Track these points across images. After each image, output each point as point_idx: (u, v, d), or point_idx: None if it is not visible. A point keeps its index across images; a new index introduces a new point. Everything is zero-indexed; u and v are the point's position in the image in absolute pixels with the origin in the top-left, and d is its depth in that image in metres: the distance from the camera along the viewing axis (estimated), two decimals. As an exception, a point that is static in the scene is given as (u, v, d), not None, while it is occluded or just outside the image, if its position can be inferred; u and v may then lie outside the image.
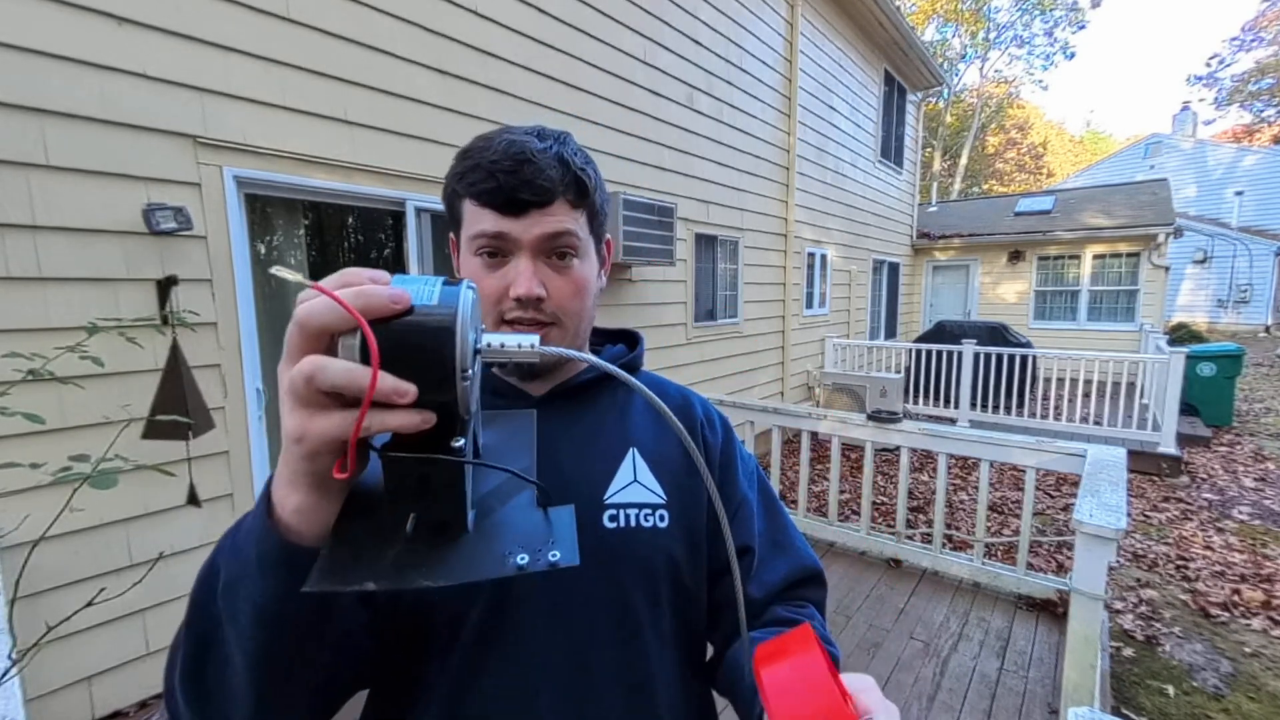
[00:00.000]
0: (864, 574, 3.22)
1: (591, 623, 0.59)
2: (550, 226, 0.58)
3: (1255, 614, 3.08)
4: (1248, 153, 16.90)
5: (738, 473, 0.75)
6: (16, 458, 1.59)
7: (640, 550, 0.62)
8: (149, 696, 2.11)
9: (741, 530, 0.71)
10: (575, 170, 0.60)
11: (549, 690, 0.57)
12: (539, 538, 0.43)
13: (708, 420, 0.76)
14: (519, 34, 3.28)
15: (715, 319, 5.19)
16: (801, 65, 6.18)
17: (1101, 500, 2.08)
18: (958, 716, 2.17)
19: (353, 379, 0.33)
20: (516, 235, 0.58)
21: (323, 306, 0.34)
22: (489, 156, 0.58)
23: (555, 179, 0.58)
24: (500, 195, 0.57)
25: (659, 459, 0.68)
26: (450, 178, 0.62)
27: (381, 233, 5.16)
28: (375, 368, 0.33)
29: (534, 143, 0.59)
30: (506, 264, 0.59)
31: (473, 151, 0.60)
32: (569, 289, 0.61)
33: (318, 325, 0.34)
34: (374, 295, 0.34)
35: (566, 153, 0.60)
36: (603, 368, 0.43)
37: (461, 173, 0.60)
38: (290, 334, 0.35)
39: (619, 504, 0.63)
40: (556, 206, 0.59)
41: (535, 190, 0.57)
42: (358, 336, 0.34)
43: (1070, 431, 5.79)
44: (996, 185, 29.46)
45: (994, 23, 24.37)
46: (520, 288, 0.57)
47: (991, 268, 11.06)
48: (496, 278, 0.59)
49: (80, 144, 1.90)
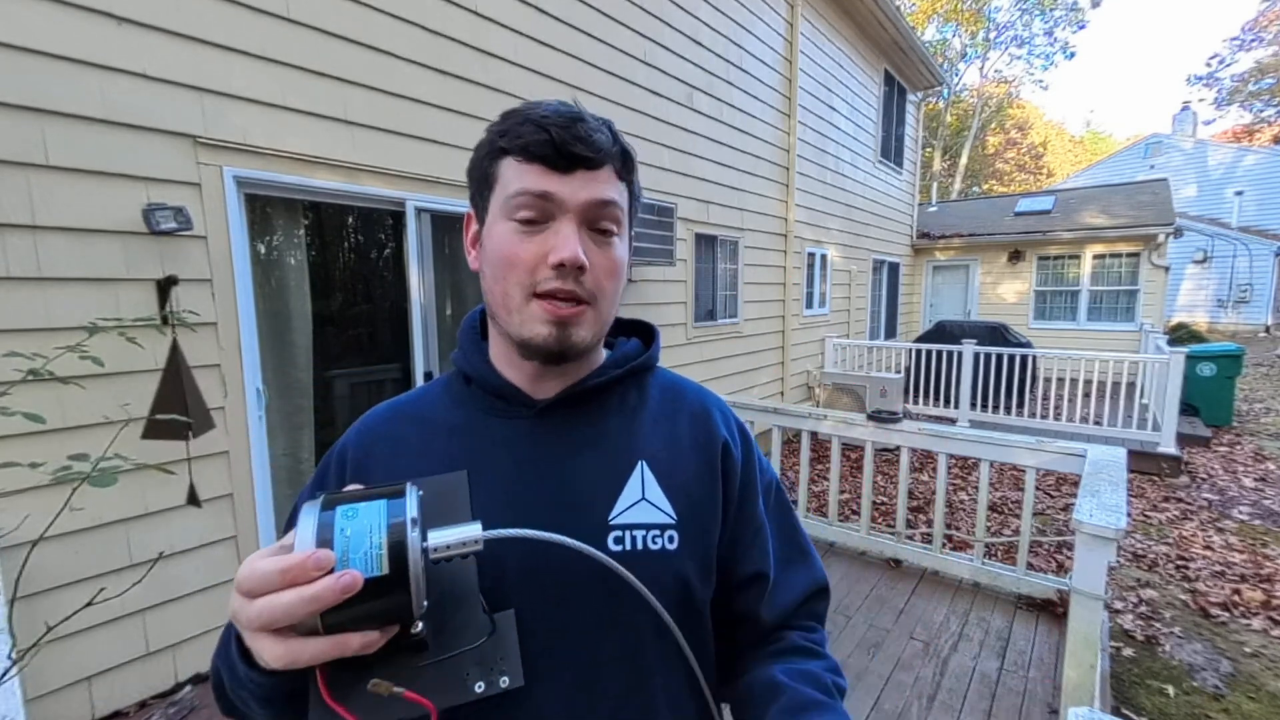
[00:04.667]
0: (864, 574, 3.22)
1: (596, 647, 0.57)
2: (598, 191, 0.56)
3: (1255, 614, 3.08)
4: (1248, 153, 16.89)
5: (757, 499, 0.69)
6: (16, 458, 1.60)
7: (647, 574, 0.57)
8: (149, 696, 2.11)
9: (757, 558, 0.67)
10: (622, 143, 0.59)
11: (554, 713, 0.56)
12: (490, 654, 0.49)
13: (730, 436, 0.69)
14: (519, 34, 3.28)
15: (715, 319, 5.19)
16: (801, 65, 6.18)
17: (1101, 500, 2.08)
18: (958, 716, 2.17)
19: (316, 641, 0.40)
20: (563, 197, 0.54)
21: (282, 610, 0.38)
22: (538, 112, 0.55)
23: (606, 142, 0.56)
24: (550, 147, 0.53)
25: (670, 471, 0.63)
26: (488, 139, 0.58)
27: (381, 232, 5.17)
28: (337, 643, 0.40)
29: (583, 113, 0.57)
30: (545, 230, 0.55)
31: (518, 110, 0.57)
32: (607, 266, 0.58)
33: (282, 616, 0.38)
34: (324, 597, 0.37)
35: (613, 127, 0.59)
36: None
37: (505, 129, 0.56)
38: (248, 609, 0.39)
39: (625, 525, 0.59)
40: (604, 172, 0.56)
41: (589, 145, 0.54)
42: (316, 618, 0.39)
43: (1070, 431, 5.79)
44: (996, 185, 29.45)
45: (994, 23, 24.37)
46: (565, 251, 0.53)
47: (991, 268, 11.06)
48: (534, 243, 0.55)
49: (80, 144, 1.90)
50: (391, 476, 0.59)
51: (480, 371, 0.64)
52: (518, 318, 0.56)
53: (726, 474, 0.66)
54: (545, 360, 0.59)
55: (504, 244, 0.55)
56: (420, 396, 0.68)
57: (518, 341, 0.58)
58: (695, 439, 0.66)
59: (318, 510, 0.41)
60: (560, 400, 0.62)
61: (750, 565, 0.67)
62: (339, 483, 0.61)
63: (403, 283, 2.97)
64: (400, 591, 0.40)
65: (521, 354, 0.60)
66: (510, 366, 0.63)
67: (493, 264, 0.57)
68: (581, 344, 0.58)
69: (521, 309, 0.56)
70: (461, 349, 0.67)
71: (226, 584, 2.30)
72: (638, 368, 0.67)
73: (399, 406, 0.67)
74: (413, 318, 2.92)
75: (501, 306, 0.58)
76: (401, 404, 0.68)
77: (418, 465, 0.60)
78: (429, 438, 0.62)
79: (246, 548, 2.34)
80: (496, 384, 0.63)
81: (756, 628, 0.68)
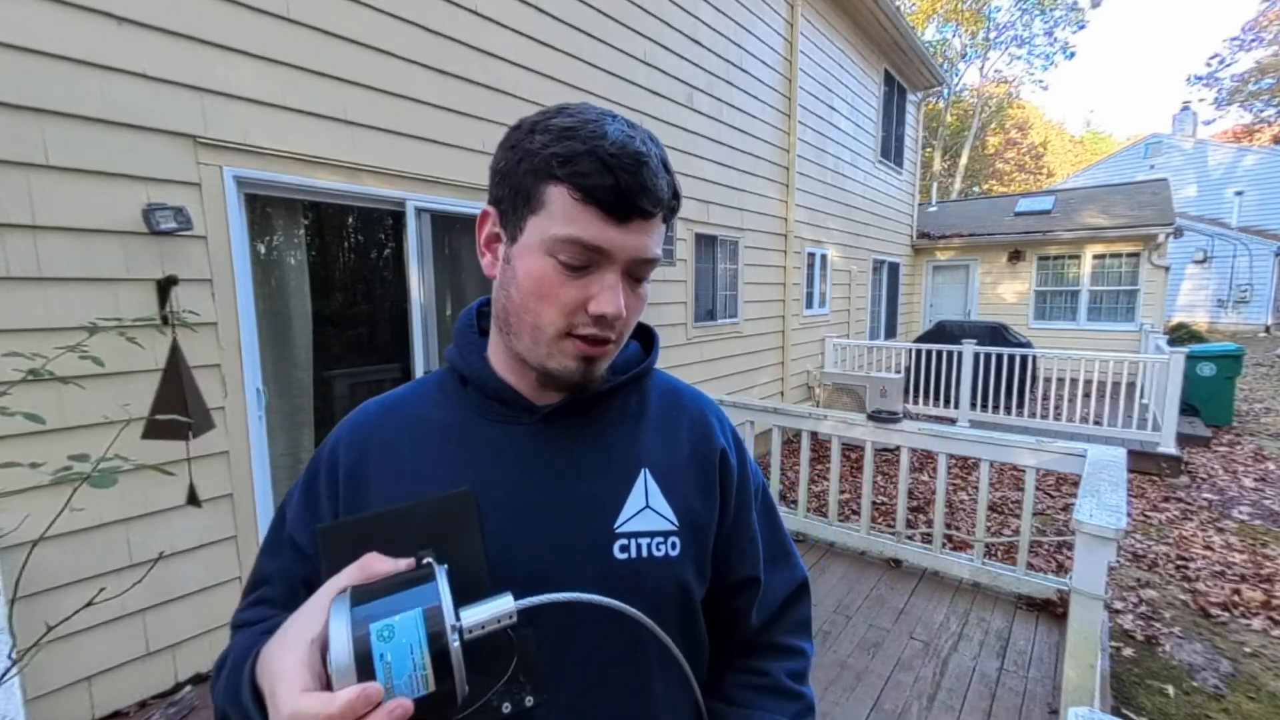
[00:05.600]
0: (864, 574, 3.22)
1: (599, 654, 0.57)
2: (648, 248, 0.54)
3: (1255, 614, 3.08)
4: (1248, 153, 16.89)
5: (751, 506, 0.71)
6: (16, 458, 1.60)
7: (651, 582, 0.59)
8: (149, 696, 2.11)
9: (749, 563, 0.69)
10: (674, 181, 0.56)
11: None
12: (515, 675, 0.51)
13: (727, 444, 0.69)
14: (519, 34, 3.28)
15: (715, 319, 5.19)
16: (801, 65, 6.18)
17: (1101, 500, 2.08)
18: (958, 716, 2.17)
19: None
20: (615, 250, 0.52)
21: None
22: (605, 147, 0.50)
23: (665, 190, 0.53)
24: (614, 194, 0.50)
25: (671, 478, 0.63)
26: (540, 153, 0.52)
27: (382, 233, 5.17)
28: None
29: (647, 145, 0.52)
30: (589, 275, 0.53)
31: (579, 132, 0.51)
32: (636, 308, 0.58)
33: None
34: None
35: (667, 159, 0.55)
36: None
37: (565, 156, 0.50)
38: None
39: (630, 533, 0.59)
40: (657, 221, 0.54)
41: (652, 199, 0.52)
42: None
43: (1070, 431, 5.79)
44: (996, 185, 29.45)
45: (994, 23, 24.37)
46: (609, 306, 0.52)
47: (991, 268, 11.06)
48: (576, 288, 0.53)
49: (80, 144, 1.90)
50: (390, 490, 0.58)
51: (479, 373, 0.62)
52: (545, 349, 0.56)
53: (724, 482, 0.67)
54: (565, 390, 0.59)
55: (543, 281, 0.53)
56: (413, 393, 0.66)
57: (539, 369, 0.58)
58: (695, 446, 0.67)
59: (347, 615, 0.40)
60: (563, 407, 0.61)
61: (745, 570, 0.69)
62: (330, 491, 0.60)
63: (403, 283, 2.97)
64: (446, 693, 0.40)
65: (540, 380, 0.60)
66: (511, 371, 0.62)
67: (524, 293, 0.55)
68: (601, 375, 0.59)
69: (552, 344, 0.55)
70: (458, 347, 0.66)
71: (226, 584, 2.30)
72: (640, 374, 0.66)
73: (391, 405, 0.65)
74: (413, 318, 2.92)
75: (528, 334, 0.56)
76: (394, 402, 0.66)
77: (417, 476, 0.59)
78: (425, 443, 0.61)
79: (246, 547, 2.34)
80: (495, 387, 0.61)
81: (745, 627, 0.70)
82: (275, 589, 0.60)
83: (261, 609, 0.59)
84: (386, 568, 0.46)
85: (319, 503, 0.60)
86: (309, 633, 0.42)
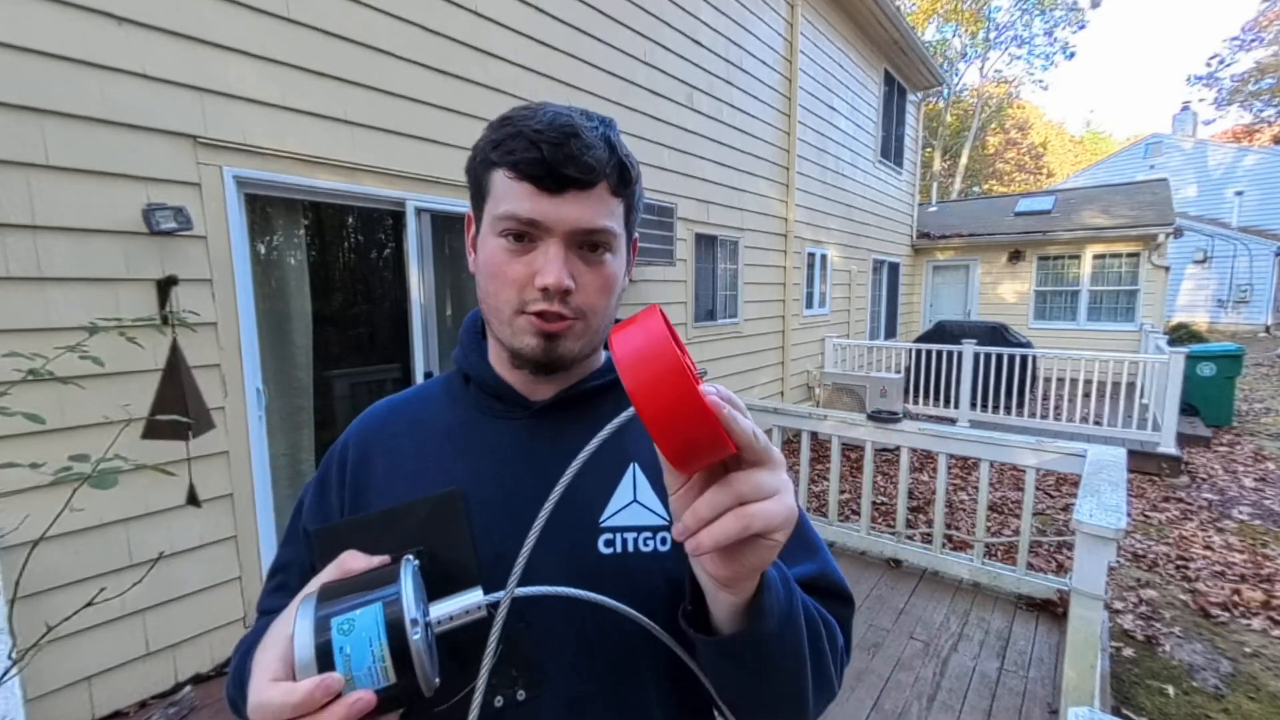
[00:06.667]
0: (864, 574, 3.22)
1: (587, 652, 0.57)
2: (587, 218, 0.55)
3: (1255, 614, 3.08)
4: (1248, 153, 16.88)
5: None
6: (16, 458, 1.60)
7: (637, 577, 0.57)
8: (149, 696, 2.11)
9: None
10: (620, 155, 0.57)
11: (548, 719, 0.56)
12: (506, 666, 0.54)
13: None
14: (519, 34, 3.28)
15: (715, 319, 5.20)
16: (801, 65, 6.18)
17: (1101, 500, 2.08)
18: (958, 716, 2.17)
19: None
20: (550, 222, 0.54)
21: None
22: (532, 125, 0.53)
23: (601, 159, 0.54)
24: (541, 167, 0.52)
25: (662, 474, 0.63)
26: (482, 145, 0.57)
27: (381, 232, 5.17)
28: None
29: (581, 119, 0.55)
30: (534, 249, 0.55)
31: (513, 119, 0.55)
32: (597, 283, 0.57)
33: None
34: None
35: (613, 136, 0.57)
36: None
37: (498, 140, 0.55)
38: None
39: (616, 527, 0.59)
40: (597, 191, 0.55)
41: (580, 167, 0.53)
42: None
43: (1070, 431, 5.79)
44: (996, 185, 29.45)
45: (994, 23, 24.37)
46: (549, 276, 0.53)
47: (991, 268, 11.06)
48: (522, 263, 0.55)
49: (80, 144, 1.90)
50: (389, 489, 0.61)
51: (479, 371, 0.65)
52: (508, 329, 0.58)
53: None
54: (535, 370, 0.60)
55: (494, 260, 0.56)
56: (419, 395, 0.69)
57: (509, 350, 0.59)
58: None
59: (313, 610, 0.41)
60: (555, 402, 0.63)
61: None
62: (340, 483, 0.64)
63: (403, 283, 2.97)
64: (409, 685, 0.41)
65: (513, 362, 0.61)
66: (507, 368, 0.64)
67: (484, 276, 0.58)
68: (569, 355, 0.59)
69: (511, 321, 0.57)
70: (462, 347, 0.68)
71: (226, 584, 2.30)
72: None
73: (397, 407, 0.68)
74: (413, 318, 2.92)
75: (495, 317, 0.59)
76: (400, 404, 0.69)
77: (415, 475, 0.61)
78: (425, 443, 0.63)
79: (246, 547, 2.34)
80: (494, 384, 0.63)
81: None
82: (292, 576, 0.64)
83: (282, 595, 0.62)
84: (360, 565, 0.48)
85: (329, 494, 0.64)
86: (288, 628, 0.44)
